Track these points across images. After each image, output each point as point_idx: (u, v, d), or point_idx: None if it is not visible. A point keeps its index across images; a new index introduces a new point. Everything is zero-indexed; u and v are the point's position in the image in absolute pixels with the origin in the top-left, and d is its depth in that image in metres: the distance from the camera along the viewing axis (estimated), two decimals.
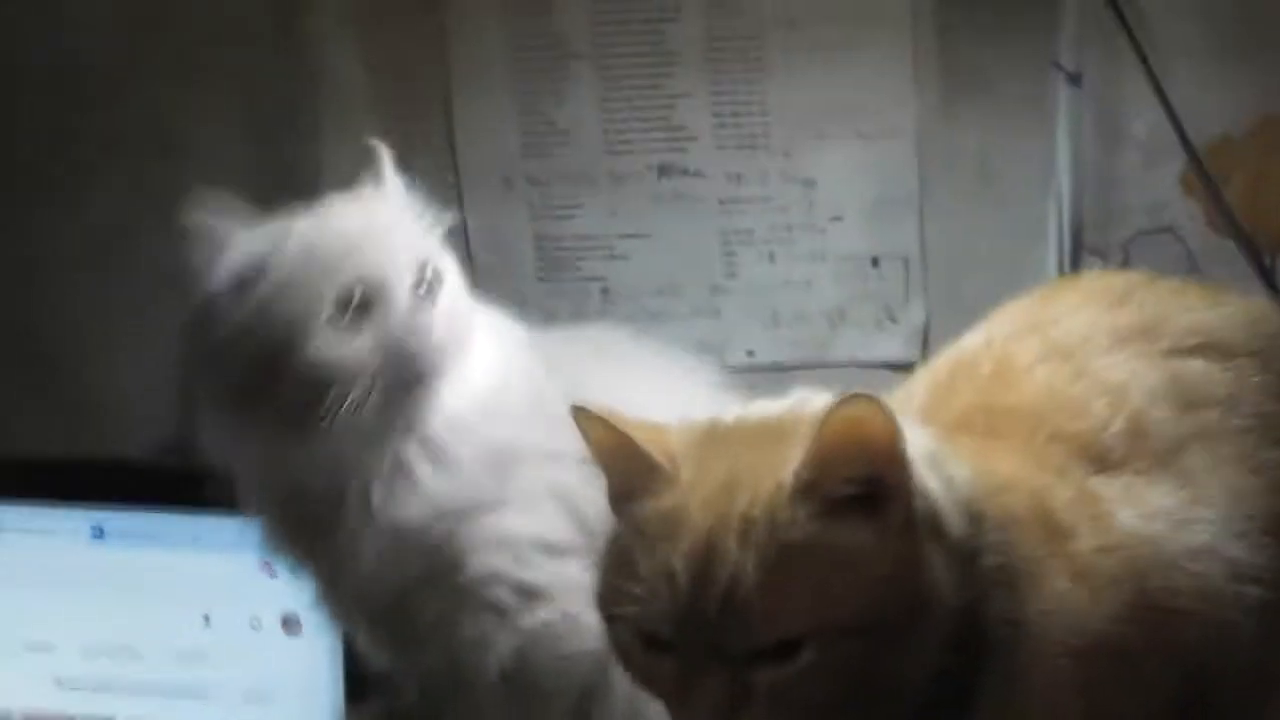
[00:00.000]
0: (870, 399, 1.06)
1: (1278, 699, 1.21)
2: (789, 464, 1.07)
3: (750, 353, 1.75)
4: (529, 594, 1.38)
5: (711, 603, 1.05)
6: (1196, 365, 1.24)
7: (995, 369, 1.25)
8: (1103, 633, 1.12)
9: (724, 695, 1.07)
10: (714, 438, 1.13)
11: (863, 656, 1.08)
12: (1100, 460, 1.19)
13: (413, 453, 1.33)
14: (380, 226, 1.34)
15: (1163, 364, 1.24)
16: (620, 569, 1.11)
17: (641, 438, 1.11)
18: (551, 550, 1.36)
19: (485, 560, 1.36)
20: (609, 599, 1.12)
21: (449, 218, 1.41)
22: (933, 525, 1.09)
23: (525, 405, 1.37)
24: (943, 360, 1.30)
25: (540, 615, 1.37)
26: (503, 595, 1.37)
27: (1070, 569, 1.13)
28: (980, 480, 1.14)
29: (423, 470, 1.33)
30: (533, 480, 1.38)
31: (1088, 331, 1.26)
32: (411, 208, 1.38)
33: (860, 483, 1.07)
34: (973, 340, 1.29)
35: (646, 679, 1.11)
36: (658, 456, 1.11)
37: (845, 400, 1.06)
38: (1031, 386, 1.23)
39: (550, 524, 1.38)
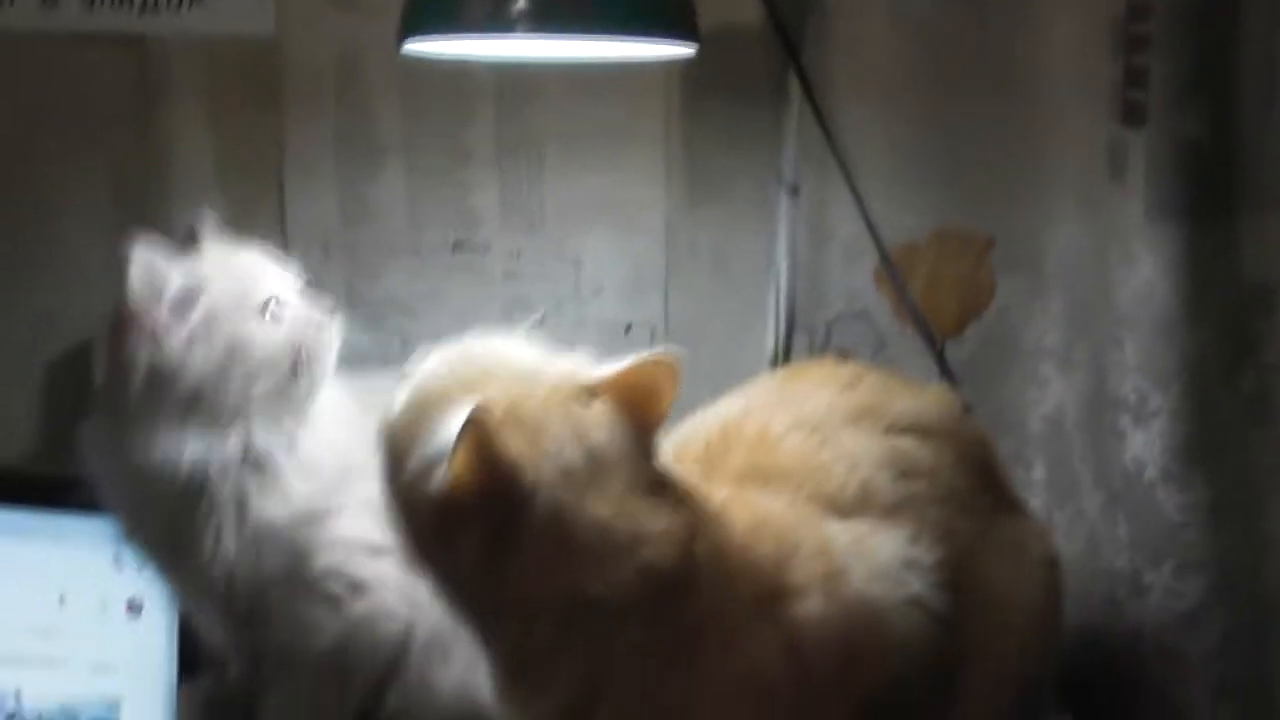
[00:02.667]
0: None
1: (926, 711, 1.40)
2: None
3: None
4: (357, 587, 1.54)
5: None
6: (908, 442, 1.44)
7: (758, 434, 1.43)
8: (789, 688, 1.30)
9: None
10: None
11: None
12: (840, 513, 1.38)
13: (282, 458, 1.51)
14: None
15: (884, 439, 1.44)
16: None
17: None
18: (373, 551, 1.52)
19: (329, 557, 1.54)
20: None
21: None
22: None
23: (359, 428, 1.51)
24: (712, 420, 1.46)
25: (363, 605, 1.54)
26: (338, 588, 1.54)
27: (781, 637, 1.30)
28: (721, 557, 1.29)
29: (291, 474, 1.51)
30: (361, 492, 1.51)
31: (828, 408, 1.44)
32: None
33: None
34: (735, 407, 1.47)
35: None
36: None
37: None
38: (786, 451, 1.41)
39: (373, 529, 1.48)
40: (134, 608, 1.69)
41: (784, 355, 1.87)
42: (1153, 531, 1.67)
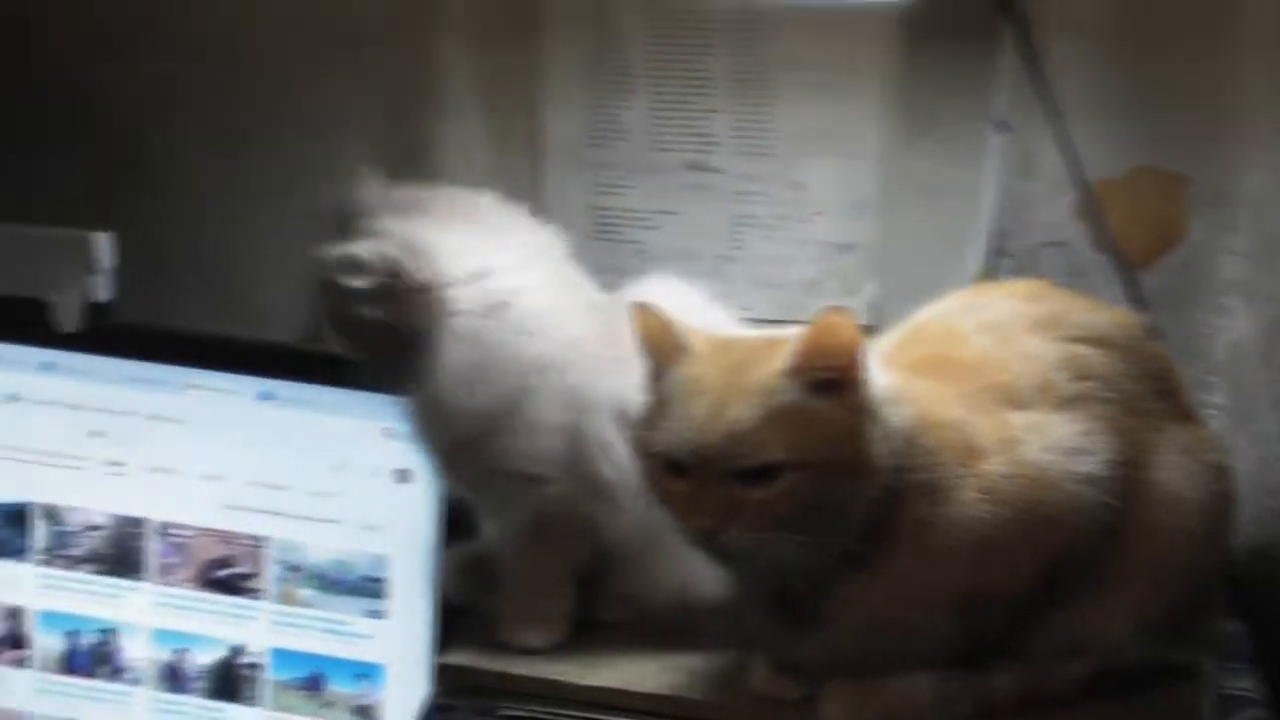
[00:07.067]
0: (843, 312, 1.39)
1: (1102, 589, 1.53)
2: (783, 356, 1.40)
3: (745, 309, 1.94)
4: (534, 480, 1.67)
5: (719, 437, 1.39)
6: (1084, 349, 1.56)
7: (944, 333, 1.57)
8: (994, 534, 1.45)
9: (720, 506, 1.41)
10: (723, 340, 1.48)
11: (818, 486, 1.40)
12: (1016, 401, 1.51)
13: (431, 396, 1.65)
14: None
15: (1062, 345, 1.55)
16: (655, 419, 1.45)
17: (679, 326, 1.47)
18: (552, 462, 1.67)
19: (503, 461, 1.67)
20: (645, 442, 1.46)
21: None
22: (873, 418, 1.42)
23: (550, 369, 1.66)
24: (903, 326, 1.61)
25: (543, 492, 1.68)
26: (516, 483, 1.68)
27: (979, 485, 1.45)
28: (923, 418, 1.46)
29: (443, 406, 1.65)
30: (540, 420, 1.66)
31: (1012, 316, 1.57)
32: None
33: (828, 370, 1.40)
34: (926, 313, 1.62)
35: (666, 497, 1.45)
36: (690, 339, 1.46)
37: (827, 310, 1.38)
38: (972, 348, 1.54)
39: (552, 450, 1.66)
40: (402, 476, 1.84)
41: (990, 278, 1.97)
42: None
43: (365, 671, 1.90)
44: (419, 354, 1.64)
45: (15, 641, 2.01)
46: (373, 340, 1.64)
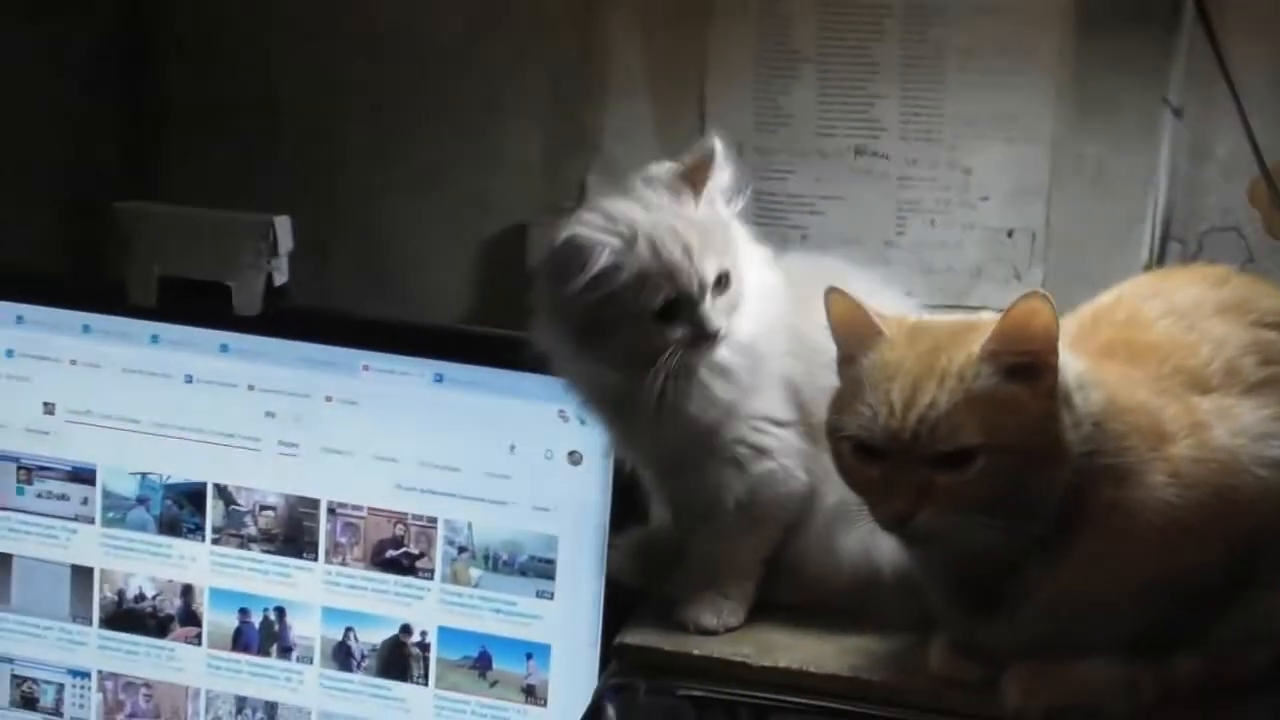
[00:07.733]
0: (1044, 297, 1.39)
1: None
2: (978, 341, 1.40)
3: (909, 294, 1.90)
4: (759, 451, 1.67)
5: (913, 422, 1.39)
6: (1272, 334, 1.55)
7: (1128, 317, 1.57)
8: (1183, 517, 1.45)
9: (913, 490, 1.41)
10: (915, 324, 1.48)
11: (1012, 470, 1.40)
12: (1203, 386, 1.51)
13: (705, 372, 1.63)
14: (700, 238, 1.58)
15: (1250, 330, 1.55)
16: (848, 403, 1.45)
17: (872, 311, 1.47)
18: (777, 423, 1.67)
19: (733, 430, 1.66)
20: (837, 425, 1.46)
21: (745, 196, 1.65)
22: (1066, 403, 1.42)
23: (774, 319, 1.66)
24: (1084, 310, 1.61)
25: (763, 466, 1.66)
26: (742, 452, 1.67)
27: (1168, 469, 1.45)
28: (1112, 402, 1.46)
29: (713, 383, 1.63)
30: (771, 373, 1.66)
31: (1198, 300, 1.57)
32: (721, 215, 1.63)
33: (1025, 355, 1.40)
34: (1107, 298, 1.61)
35: (858, 481, 1.46)
36: (883, 325, 1.46)
37: (1027, 295, 1.39)
38: (1157, 332, 1.54)
39: (779, 405, 1.67)
40: (575, 458, 1.88)
41: (1158, 263, 1.97)
42: None
43: (532, 651, 1.93)
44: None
45: (188, 618, 2.05)
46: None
